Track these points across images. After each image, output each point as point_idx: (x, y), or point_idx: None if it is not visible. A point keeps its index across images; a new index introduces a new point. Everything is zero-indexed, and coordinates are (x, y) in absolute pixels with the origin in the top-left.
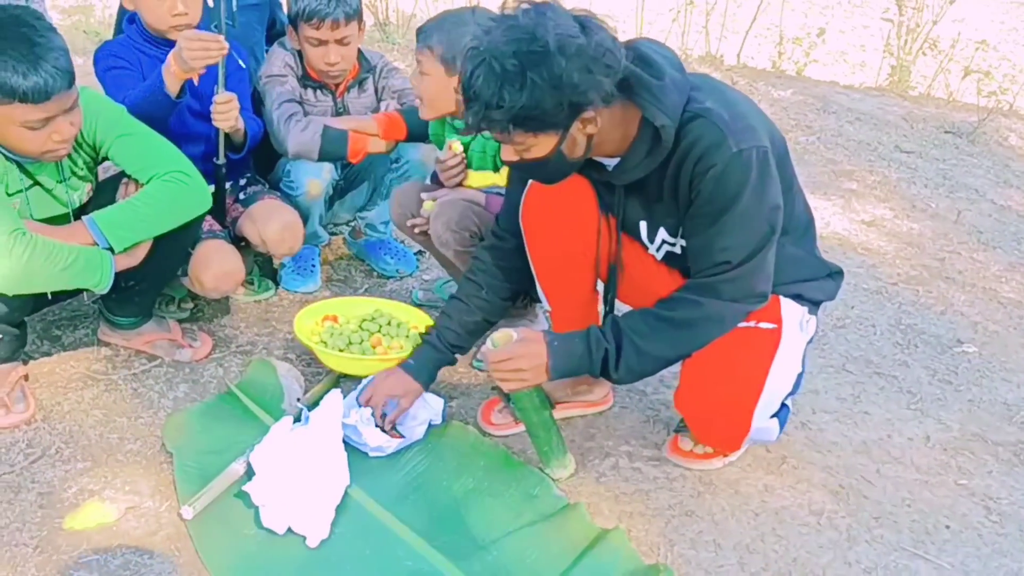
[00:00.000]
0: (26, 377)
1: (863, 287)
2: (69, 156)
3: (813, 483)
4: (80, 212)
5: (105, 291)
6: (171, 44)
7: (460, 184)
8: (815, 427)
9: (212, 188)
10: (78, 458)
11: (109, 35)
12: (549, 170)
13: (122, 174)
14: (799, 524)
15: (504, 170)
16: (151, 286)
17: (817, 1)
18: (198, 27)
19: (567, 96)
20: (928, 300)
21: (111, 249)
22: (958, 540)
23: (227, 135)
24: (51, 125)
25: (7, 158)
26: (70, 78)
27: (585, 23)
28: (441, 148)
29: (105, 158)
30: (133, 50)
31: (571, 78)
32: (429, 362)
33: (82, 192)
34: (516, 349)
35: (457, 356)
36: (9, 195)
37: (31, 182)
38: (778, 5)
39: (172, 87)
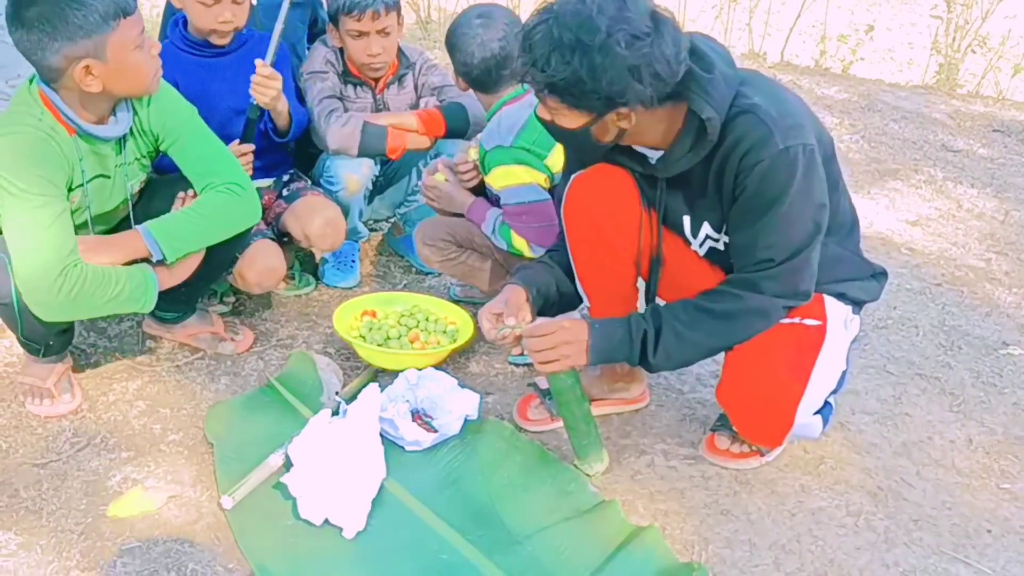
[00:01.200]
0: (73, 368)
1: (906, 287)
2: (133, 139)
3: (851, 484)
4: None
5: (148, 311)
6: (212, 49)
7: (474, 189)
8: (854, 428)
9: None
10: (122, 447)
11: (155, 35)
12: (575, 143)
13: (175, 179)
14: (836, 525)
15: (494, 173)
16: (198, 287)
17: None
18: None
19: (603, 89)
20: (973, 301)
21: (163, 260)
22: (1000, 545)
23: (270, 119)
24: (146, 42)
25: (81, 143)
26: None
27: (659, 23)
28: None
29: (164, 152)
30: (173, 57)
31: (612, 75)
32: (523, 277)
33: (136, 182)
34: (556, 326)
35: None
36: (71, 190)
37: (92, 175)
38: (823, 2)
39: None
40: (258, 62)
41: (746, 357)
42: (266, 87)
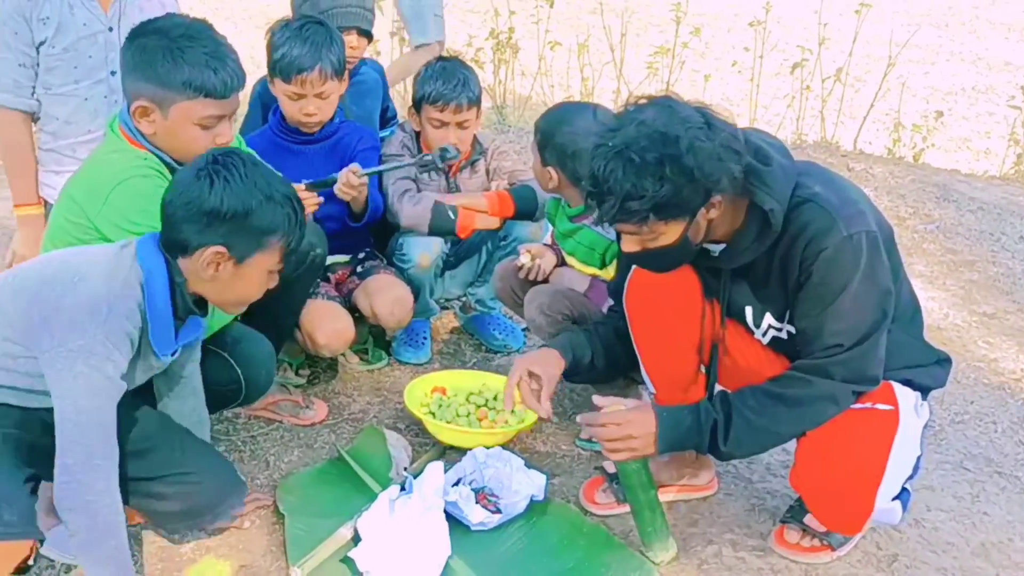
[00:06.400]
0: None
1: (983, 382)
2: None
3: None
4: None
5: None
6: (302, 136)
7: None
8: (929, 525)
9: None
10: None
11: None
12: (671, 257)
13: None
14: None
15: (612, 266)
16: (272, 341)
17: (940, 86)
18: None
19: (701, 184)
20: None
21: None
22: None
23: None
24: (218, 126)
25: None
26: (245, 79)
27: (706, 115)
28: (554, 225)
29: None
30: (272, 142)
31: (703, 168)
32: (566, 341)
33: None
34: (626, 415)
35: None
36: None
37: None
38: (897, 90)
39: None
40: (355, 167)
41: (821, 442)
42: (351, 192)
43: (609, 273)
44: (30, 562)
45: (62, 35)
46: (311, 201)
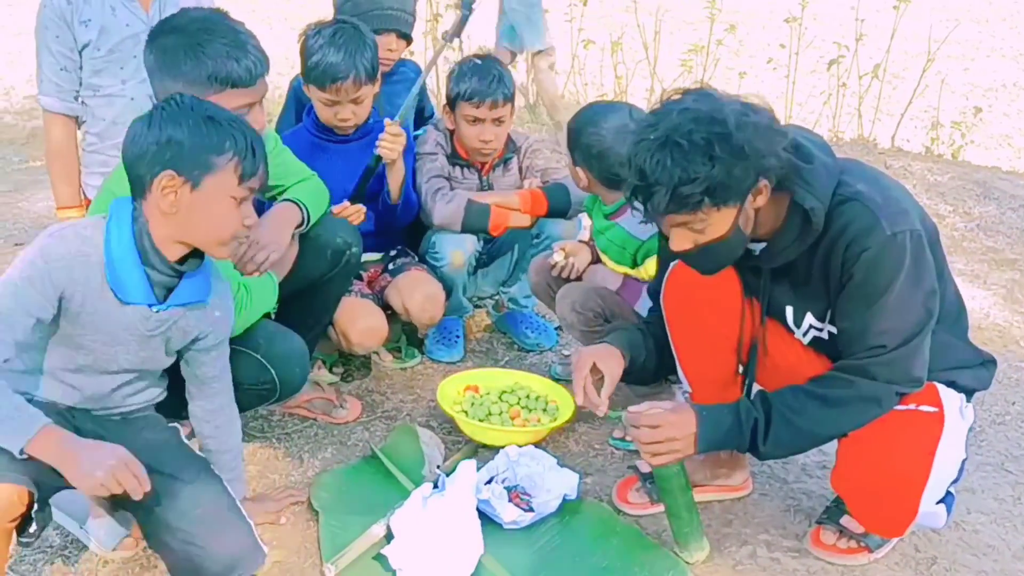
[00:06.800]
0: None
1: None
2: None
3: None
4: None
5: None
6: (336, 135)
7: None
8: (970, 528)
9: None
10: None
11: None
12: (722, 254)
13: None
14: None
15: (644, 266)
16: (306, 340)
17: (980, 83)
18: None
19: (752, 162)
20: None
21: (308, 219)
22: None
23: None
24: (251, 114)
25: None
26: (268, 62)
27: (745, 104)
28: (591, 217)
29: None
30: (308, 141)
31: (753, 143)
32: (625, 340)
33: None
34: (666, 417)
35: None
36: None
37: None
38: (936, 87)
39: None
40: (387, 121)
41: (864, 444)
42: (392, 144)
43: (641, 272)
44: (31, 528)
45: (106, 37)
46: (356, 213)
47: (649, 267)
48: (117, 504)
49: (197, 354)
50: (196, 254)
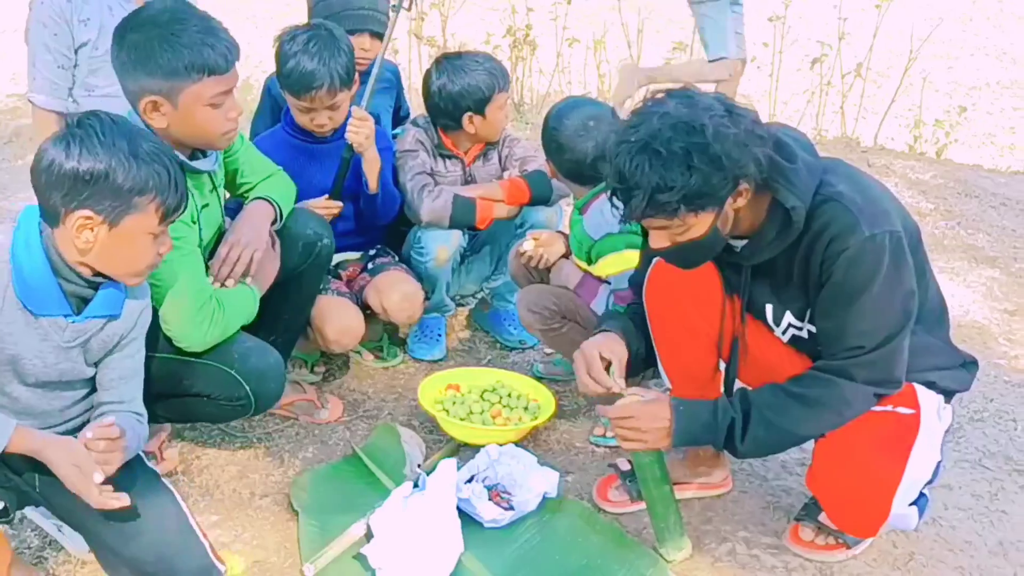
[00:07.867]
0: (171, 433)
1: (1004, 379)
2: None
3: None
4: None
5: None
6: (313, 136)
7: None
8: (947, 524)
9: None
10: (212, 510)
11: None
12: (700, 251)
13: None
14: None
15: (598, 264)
16: (283, 343)
17: (963, 81)
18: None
19: (730, 171)
20: None
21: (280, 215)
22: None
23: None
24: (227, 103)
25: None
26: (239, 47)
27: (727, 104)
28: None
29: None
30: (286, 142)
31: (731, 154)
32: (621, 327)
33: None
34: (639, 408)
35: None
36: (193, 223)
37: (202, 204)
38: (918, 86)
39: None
40: (354, 108)
41: (839, 444)
42: (358, 127)
43: (596, 270)
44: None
45: (104, 37)
46: (331, 208)
47: (602, 266)
48: (74, 527)
49: (109, 358)
50: None
